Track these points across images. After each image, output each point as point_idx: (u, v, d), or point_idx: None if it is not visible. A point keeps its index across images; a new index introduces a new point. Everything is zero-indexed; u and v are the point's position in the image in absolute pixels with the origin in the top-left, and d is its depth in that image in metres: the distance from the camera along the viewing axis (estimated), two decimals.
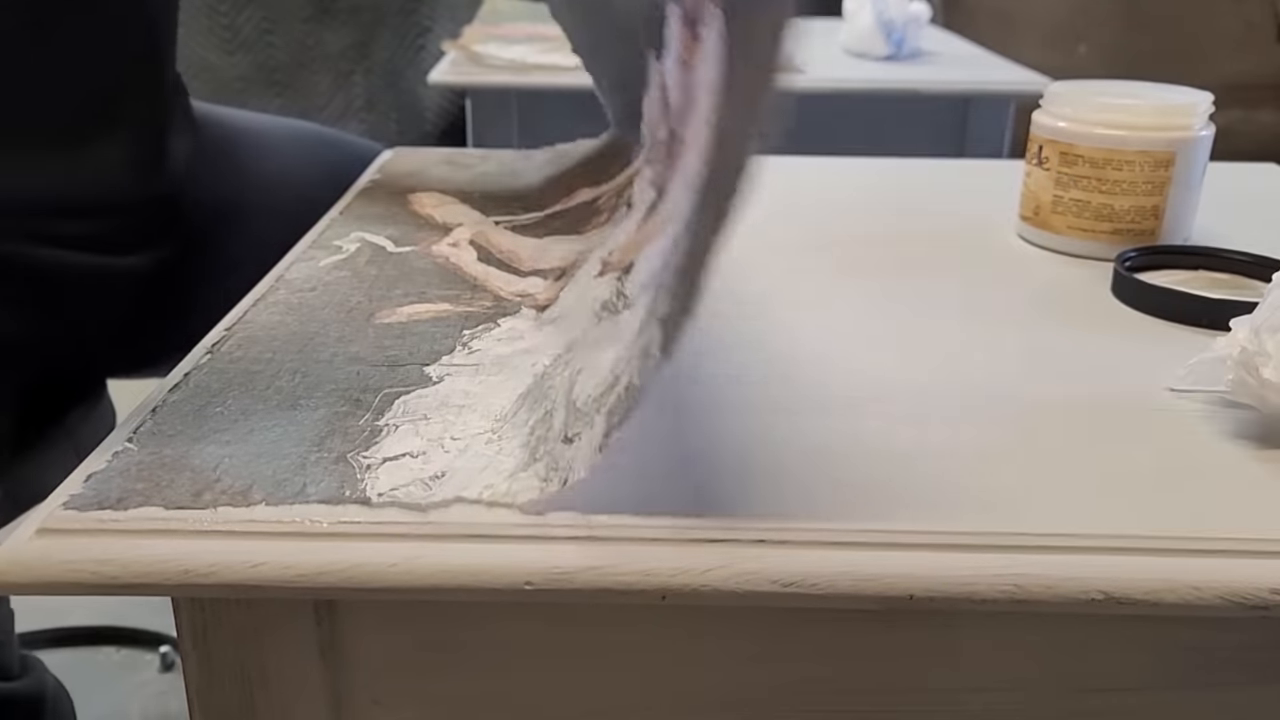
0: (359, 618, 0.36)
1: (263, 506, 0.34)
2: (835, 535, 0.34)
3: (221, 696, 0.37)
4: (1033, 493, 0.37)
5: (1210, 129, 0.59)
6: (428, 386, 0.42)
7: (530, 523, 0.34)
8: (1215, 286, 0.55)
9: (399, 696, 0.38)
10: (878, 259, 0.59)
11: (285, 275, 0.54)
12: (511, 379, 0.43)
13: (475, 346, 0.46)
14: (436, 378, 0.43)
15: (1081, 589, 0.33)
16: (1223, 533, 0.34)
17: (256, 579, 0.32)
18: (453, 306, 0.50)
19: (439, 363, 0.44)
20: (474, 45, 1.34)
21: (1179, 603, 0.33)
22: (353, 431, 0.39)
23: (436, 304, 0.51)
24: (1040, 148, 0.61)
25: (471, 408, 0.41)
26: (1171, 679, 0.37)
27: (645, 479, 0.37)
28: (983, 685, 0.37)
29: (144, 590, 0.32)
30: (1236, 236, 0.61)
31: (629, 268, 0.44)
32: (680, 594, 0.33)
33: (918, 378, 0.45)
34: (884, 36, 1.34)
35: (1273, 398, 0.39)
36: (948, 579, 0.33)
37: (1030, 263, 0.60)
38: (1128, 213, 0.59)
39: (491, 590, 0.33)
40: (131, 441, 0.38)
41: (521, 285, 0.53)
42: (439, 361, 0.44)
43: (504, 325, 0.48)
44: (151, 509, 0.34)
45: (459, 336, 0.47)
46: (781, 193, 0.72)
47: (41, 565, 0.32)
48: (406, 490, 0.35)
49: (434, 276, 0.54)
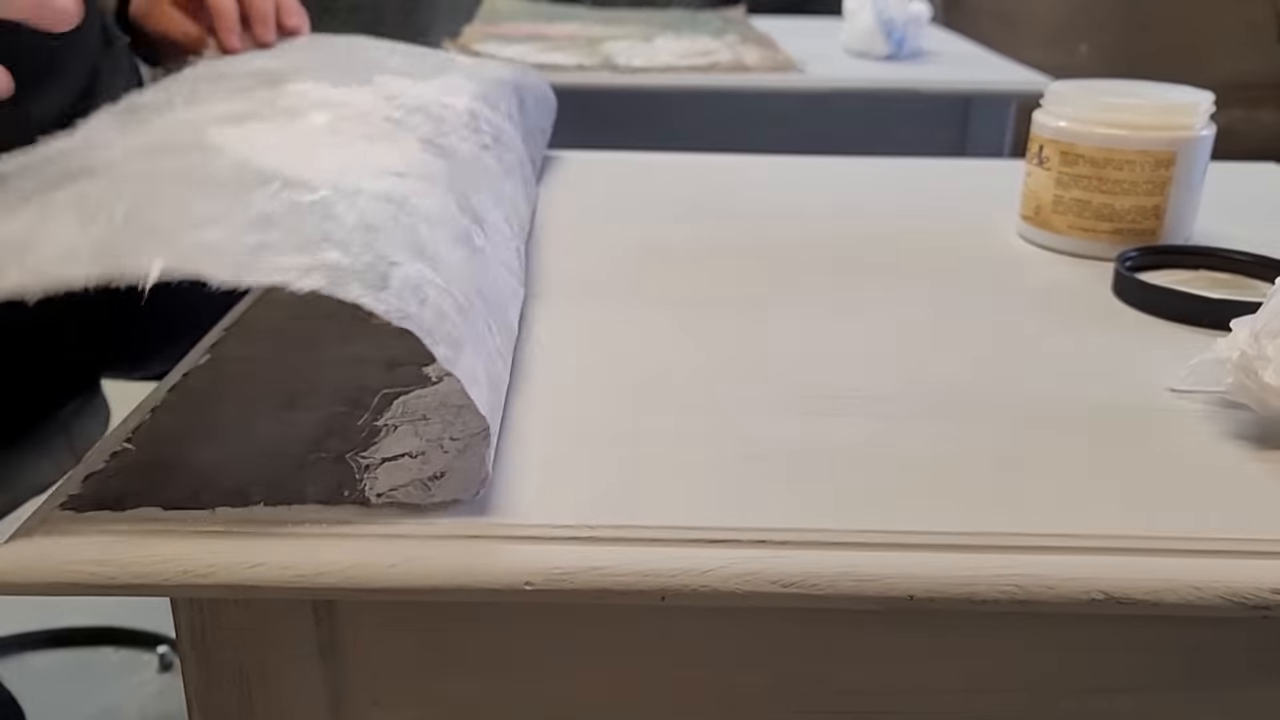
0: (358, 618, 0.36)
1: (261, 507, 0.34)
2: (835, 535, 0.34)
3: (220, 697, 0.37)
4: (1033, 493, 0.36)
5: (1211, 128, 0.59)
6: (427, 386, 0.42)
7: (530, 523, 0.34)
8: (1216, 286, 0.55)
9: (398, 697, 0.37)
10: (878, 259, 0.59)
11: None
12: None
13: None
14: (435, 377, 0.43)
15: (1082, 589, 0.32)
16: (1223, 533, 0.34)
17: (255, 579, 0.32)
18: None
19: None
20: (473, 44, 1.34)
21: (1180, 603, 0.33)
22: (351, 432, 0.39)
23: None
24: (1041, 147, 0.61)
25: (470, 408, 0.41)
26: (1172, 679, 0.37)
27: (644, 479, 0.37)
28: (983, 685, 0.37)
29: (143, 590, 0.32)
30: (1238, 236, 0.61)
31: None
32: (680, 594, 0.33)
33: (917, 378, 0.45)
34: (884, 36, 1.34)
35: (1273, 401, 0.38)
36: (948, 579, 0.33)
37: (1031, 263, 0.60)
38: (1128, 212, 0.59)
39: (491, 590, 0.33)
40: (130, 442, 0.38)
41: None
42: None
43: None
44: (150, 509, 0.34)
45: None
46: (781, 192, 0.71)
47: (41, 565, 0.32)
48: (405, 491, 0.35)
49: None
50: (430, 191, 0.40)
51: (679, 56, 1.30)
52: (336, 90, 0.47)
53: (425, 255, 0.35)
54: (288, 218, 0.32)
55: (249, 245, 0.30)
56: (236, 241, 0.30)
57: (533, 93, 0.70)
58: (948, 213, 0.68)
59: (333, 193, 0.35)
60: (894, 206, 0.69)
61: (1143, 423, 0.41)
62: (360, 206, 0.34)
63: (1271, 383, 0.38)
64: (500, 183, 0.49)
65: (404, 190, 0.38)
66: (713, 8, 1.88)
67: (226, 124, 0.40)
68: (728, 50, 1.35)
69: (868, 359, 0.46)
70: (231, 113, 0.41)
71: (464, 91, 0.55)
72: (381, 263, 0.32)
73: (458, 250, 0.38)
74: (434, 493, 0.35)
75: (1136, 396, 0.43)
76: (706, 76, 1.21)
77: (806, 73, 1.25)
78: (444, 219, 0.38)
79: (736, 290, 0.54)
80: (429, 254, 0.35)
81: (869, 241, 0.62)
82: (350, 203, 0.34)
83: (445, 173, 0.42)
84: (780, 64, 1.27)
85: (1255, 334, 0.39)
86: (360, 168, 0.38)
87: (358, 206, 0.34)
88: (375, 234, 0.33)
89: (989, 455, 0.39)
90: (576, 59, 1.26)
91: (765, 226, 0.64)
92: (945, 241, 0.62)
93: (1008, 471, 0.38)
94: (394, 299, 0.31)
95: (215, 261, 0.29)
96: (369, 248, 0.32)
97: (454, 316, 0.34)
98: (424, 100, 0.49)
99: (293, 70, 0.50)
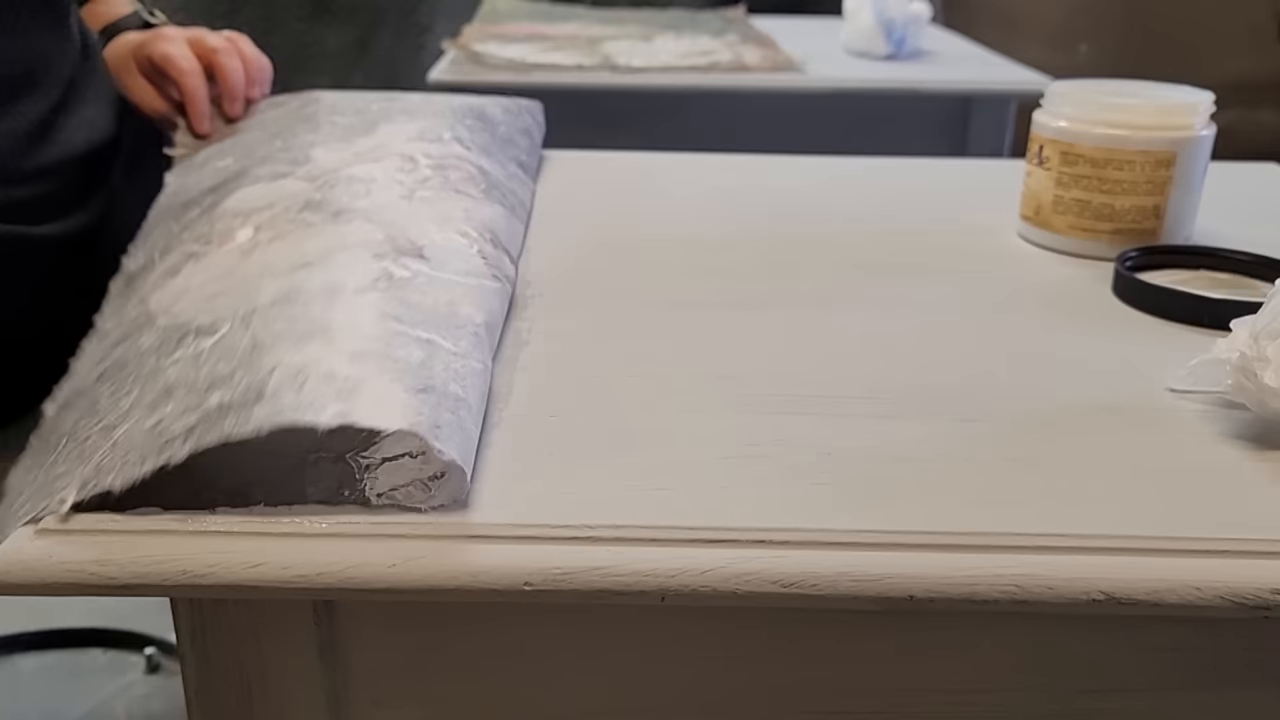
0: (358, 618, 0.36)
1: (261, 507, 0.34)
2: (835, 535, 0.34)
3: (220, 697, 0.37)
4: (1033, 493, 0.36)
5: (1211, 128, 0.59)
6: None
7: (530, 523, 0.34)
8: (1216, 286, 0.55)
9: (398, 696, 0.37)
10: (878, 259, 0.59)
11: None
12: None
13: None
14: None
15: (1082, 589, 0.32)
16: (1223, 533, 0.34)
17: (255, 579, 0.32)
18: None
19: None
20: (473, 44, 1.34)
21: (1180, 603, 0.33)
22: (352, 432, 0.39)
23: None
24: (1041, 147, 0.61)
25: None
26: (1172, 679, 0.37)
27: (644, 478, 0.37)
28: (983, 685, 0.37)
29: (143, 591, 0.32)
30: (1237, 236, 0.61)
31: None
32: (680, 594, 0.33)
33: (917, 378, 0.45)
34: (884, 36, 1.34)
35: (1272, 403, 0.38)
36: (948, 579, 0.33)
37: (1031, 262, 0.60)
38: (1128, 212, 0.59)
39: (491, 590, 0.33)
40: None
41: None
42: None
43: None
44: (150, 510, 0.34)
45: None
46: (782, 192, 0.71)
47: (41, 566, 0.32)
48: (406, 491, 0.35)
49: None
50: (337, 261, 0.43)
51: (679, 56, 1.30)
52: (269, 187, 0.52)
53: (319, 334, 0.38)
54: (185, 378, 0.37)
55: (144, 429, 0.35)
56: (152, 437, 0.35)
57: (499, 105, 0.73)
58: (948, 213, 0.68)
59: (230, 327, 0.39)
60: (894, 206, 0.69)
61: (1142, 423, 0.41)
62: (253, 328, 0.39)
63: (1271, 384, 0.38)
64: (447, 204, 0.52)
65: (302, 280, 0.42)
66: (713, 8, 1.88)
67: (166, 278, 0.46)
68: (728, 50, 1.35)
69: (867, 359, 0.46)
70: (171, 265, 0.47)
71: (400, 135, 0.60)
72: (260, 378, 0.36)
73: (366, 297, 0.41)
74: (434, 493, 0.35)
75: (1136, 396, 0.43)
76: (706, 76, 1.21)
77: (807, 73, 1.25)
78: (339, 284, 0.42)
79: (736, 290, 0.54)
80: (326, 328, 0.38)
81: (869, 241, 0.62)
82: (245, 328, 0.39)
83: (360, 231, 0.46)
84: (780, 64, 1.27)
85: (1255, 335, 0.39)
86: (267, 278, 0.43)
87: (251, 329, 0.39)
88: (261, 351, 0.37)
89: (989, 455, 0.39)
90: (576, 59, 1.26)
91: (765, 226, 0.64)
92: (945, 241, 0.62)
93: (1007, 471, 0.38)
94: (266, 408, 0.34)
95: (133, 469, 0.34)
96: (251, 368, 0.36)
97: (347, 369, 0.36)
98: (347, 169, 0.54)
99: (235, 176, 0.55)
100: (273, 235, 0.46)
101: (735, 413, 0.41)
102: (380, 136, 0.59)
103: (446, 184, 0.54)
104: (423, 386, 0.36)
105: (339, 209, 0.48)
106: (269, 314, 0.39)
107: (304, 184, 0.52)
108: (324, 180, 0.52)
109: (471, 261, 0.48)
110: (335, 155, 0.56)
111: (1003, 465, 0.38)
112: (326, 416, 0.33)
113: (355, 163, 0.54)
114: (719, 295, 0.53)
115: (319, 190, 0.51)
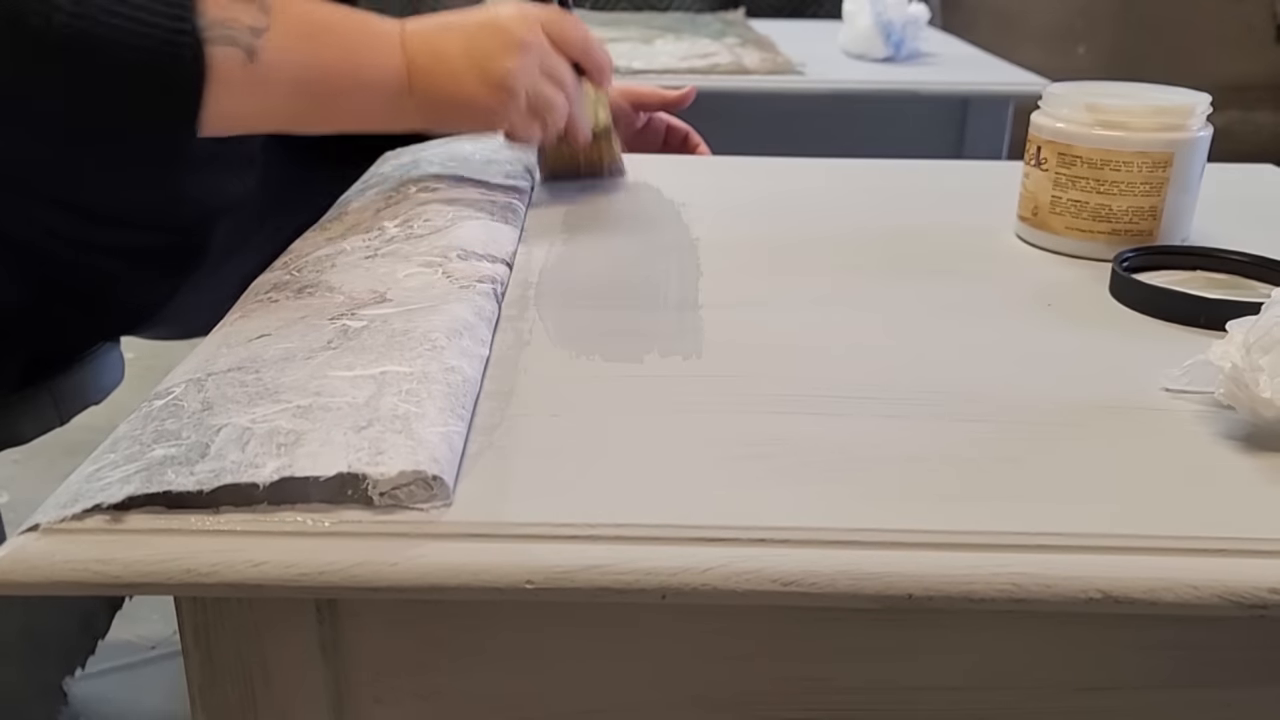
0: (360, 617, 0.36)
1: (264, 506, 0.34)
2: (835, 535, 0.34)
3: (223, 695, 0.37)
4: (1032, 493, 0.37)
5: (1208, 130, 0.59)
6: None
7: (531, 522, 0.34)
8: (1213, 287, 0.55)
9: (400, 695, 0.38)
10: (877, 259, 0.59)
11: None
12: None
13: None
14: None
15: (1080, 588, 0.33)
16: (1221, 533, 0.34)
17: (258, 578, 0.32)
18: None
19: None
20: None
21: (1178, 602, 0.33)
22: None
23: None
24: (1038, 148, 0.61)
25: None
26: (1170, 678, 0.37)
27: (645, 478, 0.37)
28: (982, 684, 0.37)
29: (146, 589, 0.33)
30: (1234, 237, 0.61)
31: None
32: (680, 593, 0.33)
33: (916, 378, 0.45)
34: (883, 38, 1.35)
35: (1264, 412, 0.39)
36: (947, 579, 0.33)
37: (1029, 263, 0.60)
38: (1126, 213, 0.59)
39: (492, 590, 0.33)
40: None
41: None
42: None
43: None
44: (154, 508, 0.34)
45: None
46: (781, 193, 0.72)
47: (45, 565, 0.32)
48: (408, 490, 0.35)
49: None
50: (294, 331, 0.45)
51: (679, 59, 1.31)
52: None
53: (267, 397, 0.39)
54: (130, 432, 0.38)
55: (83, 475, 0.36)
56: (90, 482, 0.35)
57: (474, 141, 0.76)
58: (946, 213, 0.68)
59: (183, 389, 0.41)
60: (892, 207, 0.70)
61: (1139, 422, 0.42)
62: (206, 391, 0.40)
63: (1264, 395, 0.38)
64: (410, 247, 0.54)
65: (258, 349, 0.44)
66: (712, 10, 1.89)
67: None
68: (727, 52, 1.35)
69: (866, 358, 0.47)
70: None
71: (369, 209, 0.62)
72: (206, 437, 0.37)
73: (317, 359, 0.42)
74: (436, 492, 0.35)
75: (1133, 396, 0.44)
76: (706, 78, 1.21)
77: (806, 75, 1.25)
78: (293, 352, 0.43)
79: (735, 290, 0.54)
80: (275, 391, 0.40)
81: (867, 242, 0.62)
82: (198, 391, 0.40)
83: (321, 300, 0.49)
84: (780, 66, 1.27)
85: (1247, 347, 0.39)
86: (223, 348, 0.44)
87: (204, 392, 0.40)
88: (213, 413, 0.38)
89: (987, 454, 0.39)
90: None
91: (764, 227, 0.64)
92: (943, 242, 0.62)
93: (1005, 471, 0.38)
94: (208, 467, 0.35)
95: (65, 509, 0.34)
96: (200, 428, 0.37)
97: (290, 425, 0.37)
98: (317, 251, 0.56)
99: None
100: (240, 315, 0.48)
101: (735, 412, 0.42)
102: (350, 219, 0.61)
103: (411, 235, 0.56)
104: (366, 423, 0.37)
105: (304, 285, 0.51)
106: (223, 379, 0.41)
107: (276, 272, 0.54)
108: (295, 266, 0.54)
109: (437, 285, 0.49)
110: (307, 242, 0.58)
111: (1000, 464, 0.38)
112: (266, 474, 0.34)
113: (325, 245, 0.57)
114: (716, 295, 0.53)
115: (289, 273, 0.53)
